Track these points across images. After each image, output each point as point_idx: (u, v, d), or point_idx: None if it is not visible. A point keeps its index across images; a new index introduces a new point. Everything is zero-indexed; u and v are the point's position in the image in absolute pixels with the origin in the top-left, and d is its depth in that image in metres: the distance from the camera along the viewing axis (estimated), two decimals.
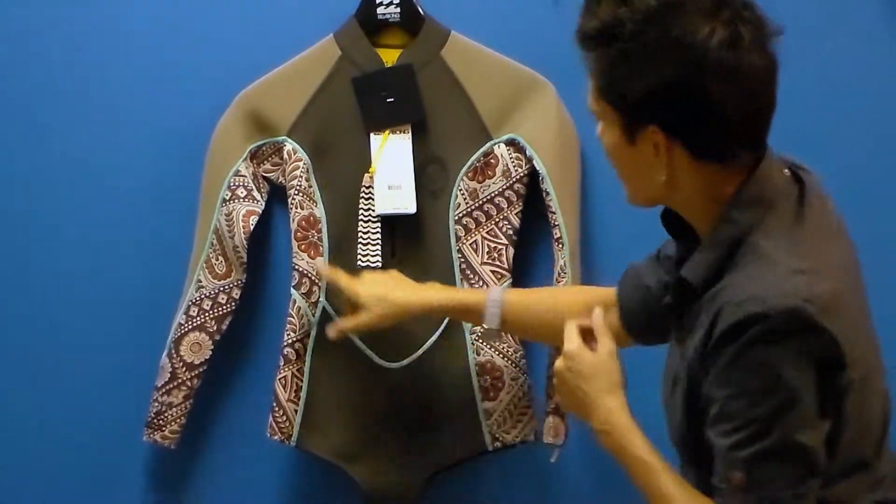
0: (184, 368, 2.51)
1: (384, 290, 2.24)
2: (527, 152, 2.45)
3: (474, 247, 2.47)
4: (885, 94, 2.47)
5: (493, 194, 2.46)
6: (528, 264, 2.53)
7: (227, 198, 2.49)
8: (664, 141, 1.68)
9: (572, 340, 1.88)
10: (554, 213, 2.44)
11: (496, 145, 2.46)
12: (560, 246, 2.44)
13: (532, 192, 2.48)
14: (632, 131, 1.70)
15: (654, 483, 1.73)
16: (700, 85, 1.64)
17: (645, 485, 1.75)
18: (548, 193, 2.44)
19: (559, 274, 2.44)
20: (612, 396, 1.82)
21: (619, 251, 2.53)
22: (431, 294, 2.25)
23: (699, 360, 1.69)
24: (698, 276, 1.72)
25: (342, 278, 2.29)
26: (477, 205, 2.47)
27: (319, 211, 2.48)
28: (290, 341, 2.48)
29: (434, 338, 2.48)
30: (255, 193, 2.51)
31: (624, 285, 2.06)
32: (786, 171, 1.76)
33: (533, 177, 2.47)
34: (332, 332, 2.31)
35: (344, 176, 2.48)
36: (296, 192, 2.48)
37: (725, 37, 1.64)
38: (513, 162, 2.46)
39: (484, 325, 2.23)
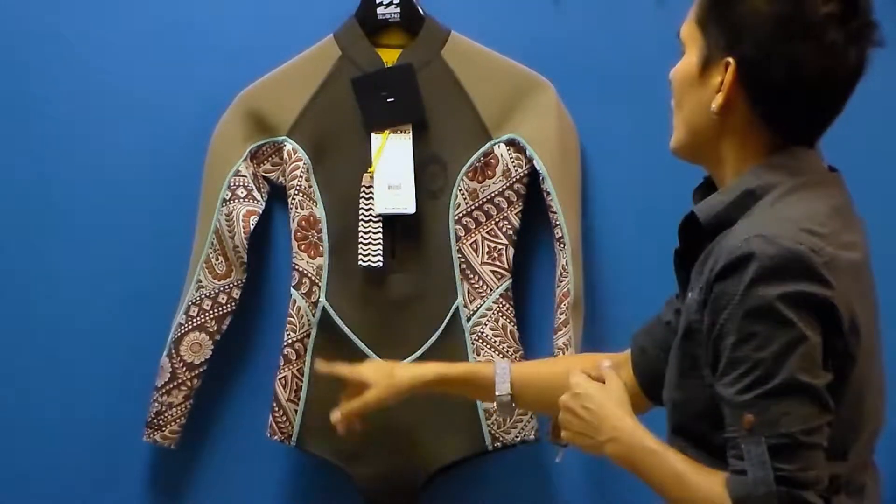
0: (184, 368, 2.51)
1: (389, 368, 2.19)
2: (527, 152, 2.45)
3: (474, 247, 2.47)
4: (885, 94, 2.47)
5: (493, 194, 2.46)
6: (528, 264, 2.53)
7: (228, 198, 2.49)
8: (732, 76, 1.67)
9: (575, 375, 1.85)
10: (555, 212, 2.44)
11: (496, 145, 2.46)
12: (562, 245, 2.44)
13: (532, 191, 2.48)
14: (708, 59, 1.69)
15: (666, 466, 1.71)
16: (789, 42, 1.64)
17: (657, 472, 1.72)
18: (549, 193, 2.44)
19: (561, 273, 2.44)
20: (617, 408, 1.80)
21: (619, 251, 2.53)
22: (437, 366, 2.20)
23: (700, 304, 1.67)
24: (707, 214, 1.70)
25: (343, 368, 2.21)
26: (477, 205, 2.47)
27: (319, 211, 2.48)
28: (290, 341, 2.48)
29: (434, 338, 2.48)
30: (256, 193, 2.51)
31: (635, 340, 2.03)
32: (825, 164, 1.75)
33: (533, 177, 2.47)
34: (336, 419, 2.16)
35: (344, 176, 2.48)
36: (296, 192, 2.48)
37: (836, 13, 1.63)
38: (513, 162, 2.46)
39: (495, 398, 2.12)
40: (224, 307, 2.51)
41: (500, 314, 2.47)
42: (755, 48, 1.66)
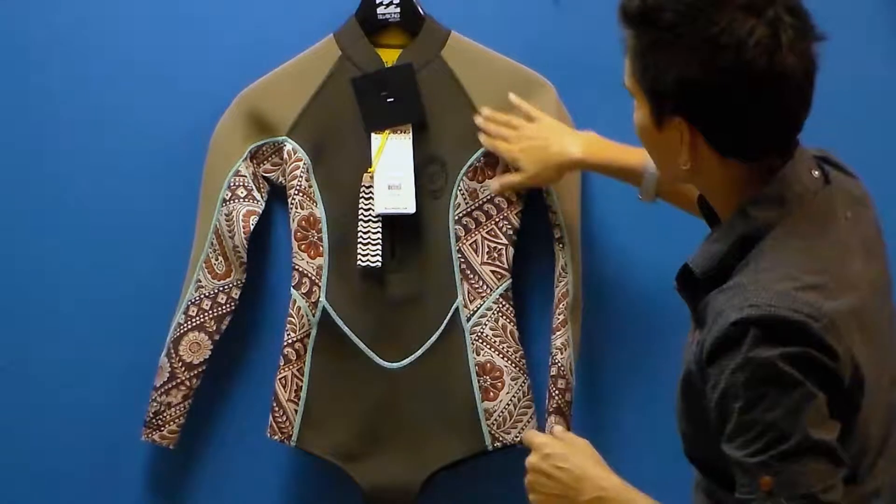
0: (183, 368, 2.51)
1: (543, 148, 2.28)
2: None
3: (474, 247, 2.47)
4: (885, 94, 2.48)
5: (493, 194, 2.46)
6: (527, 264, 2.53)
7: (227, 198, 2.49)
8: (688, 134, 1.67)
9: (537, 436, 1.84)
10: (555, 212, 2.44)
11: None
12: (561, 245, 2.44)
13: (532, 191, 2.48)
14: (660, 117, 1.68)
15: None
16: (731, 86, 1.62)
17: None
18: (548, 193, 2.44)
19: (560, 274, 2.44)
20: (598, 467, 1.79)
21: (619, 252, 2.53)
22: (589, 152, 2.27)
23: (698, 361, 1.68)
24: (701, 266, 1.70)
25: (500, 144, 2.34)
26: (477, 205, 2.47)
27: (319, 211, 2.48)
28: (290, 341, 2.48)
29: (434, 338, 2.48)
30: (255, 193, 2.51)
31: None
32: (815, 172, 1.73)
33: None
34: (495, 184, 2.37)
35: (344, 176, 2.48)
36: (296, 192, 2.48)
37: (763, 38, 1.61)
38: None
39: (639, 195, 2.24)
40: (223, 307, 2.51)
41: (500, 314, 2.47)
42: (700, 106, 1.64)
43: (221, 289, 2.50)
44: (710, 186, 1.73)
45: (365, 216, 2.47)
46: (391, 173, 2.45)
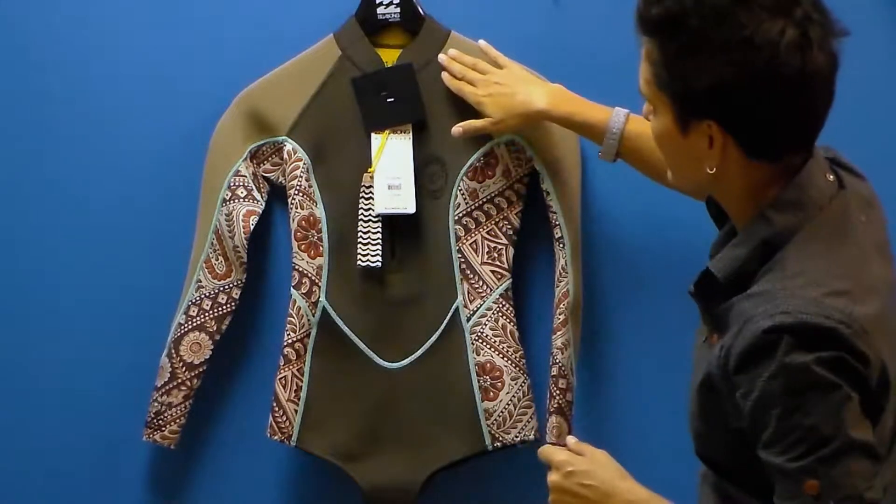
0: (183, 368, 2.51)
1: (509, 95, 2.29)
2: (527, 152, 2.45)
3: (474, 247, 2.47)
4: (885, 94, 2.48)
5: (493, 194, 2.46)
6: (527, 264, 2.53)
7: (227, 198, 2.49)
8: (720, 136, 1.66)
9: (557, 453, 1.83)
10: (555, 212, 2.44)
11: (496, 145, 2.46)
12: (561, 245, 2.44)
13: (532, 191, 2.48)
14: (685, 123, 1.67)
15: None
16: (765, 86, 1.61)
17: None
18: (548, 193, 2.44)
19: (560, 274, 2.44)
20: (624, 480, 1.78)
21: (619, 252, 2.53)
22: (554, 103, 2.28)
23: (722, 368, 1.66)
24: (724, 270, 1.69)
25: (465, 87, 2.34)
26: (477, 205, 2.47)
27: (319, 211, 2.48)
28: (290, 341, 2.48)
29: (434, 338, 2.48)
30: (256, 193, 2.51)
31: None
32: (830, 176, 1.73)
33: (533, 177, 2.47)
34: (457, 129, 2.35)
35: (344, 176, 2.48)
36: (296, 192, 2.48)
37: (795, 38, 1.60)
38: (513, 162, 2.46)
39: (599, 154, 2.26)
40: (224, 307, 2.51)
41: (500, 314, 2.47)
42: (733, 109, 1.64)
43: (222, 289, 2.50)
44: (730, 190, 1.72)
45: (365, 216, 2.47)
46: (391, 173, 2.45)
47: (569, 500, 1.80)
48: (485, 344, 2.46)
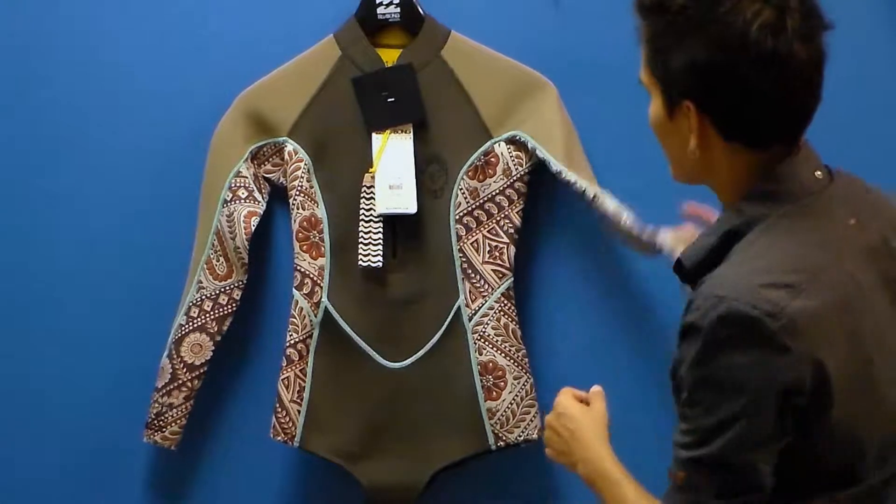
0: (184, 369, 2.52)
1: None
2: (529, 146, 2.44)
3: (475, 246, 2.47)
4: (885, 94, 2.48)
5: (493, 193, 2.47)
6: (529, 263, 2.53)
7: (228, 199, 2.49)
8: (696, 117, 1.68)
9: (563, 395, 1.91)
10: (574, 182, 2.42)
11: (496, 144, 2.46)
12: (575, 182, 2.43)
13: (533, 190, 2.48)
14: (671, 105, 1.70)
15: (619, 495, 1.76)
16: (735, 66, 1.63)
17: (611, 499, 1.77)
18: (560, 172, 2.42)
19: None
20: (594, 433, 1.85)
21: (619, 252, 2.53)
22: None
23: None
24: (691, 259, 1.72)
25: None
26: (478, 204, 2.47)
27: (321, 211, 2.49)
28: (292, 342, 2.49)
29: (436, 338, 2.48)
30: (256, 194, 2.51)
31: None
32: (818, 173, 1.73)
33: (534, 175, 2.47)
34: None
35: (345, 176, 2.48)
36: (297, 193, 2.48)
37: (769, 20, 1.62)
38: (513, 160, 2.46)
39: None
40: (225, 308, 2.51)
41: (502, 313, 2.47)
42: (707, 88, 1.66)
43: (223, 290, 2.51)
44: (720, 181, 1.74)
45: (366, 216, 2.47)
46: (392, 173, 2.45)
47: (553, 437, 1.89)
48: (487, 343, 2.47)
